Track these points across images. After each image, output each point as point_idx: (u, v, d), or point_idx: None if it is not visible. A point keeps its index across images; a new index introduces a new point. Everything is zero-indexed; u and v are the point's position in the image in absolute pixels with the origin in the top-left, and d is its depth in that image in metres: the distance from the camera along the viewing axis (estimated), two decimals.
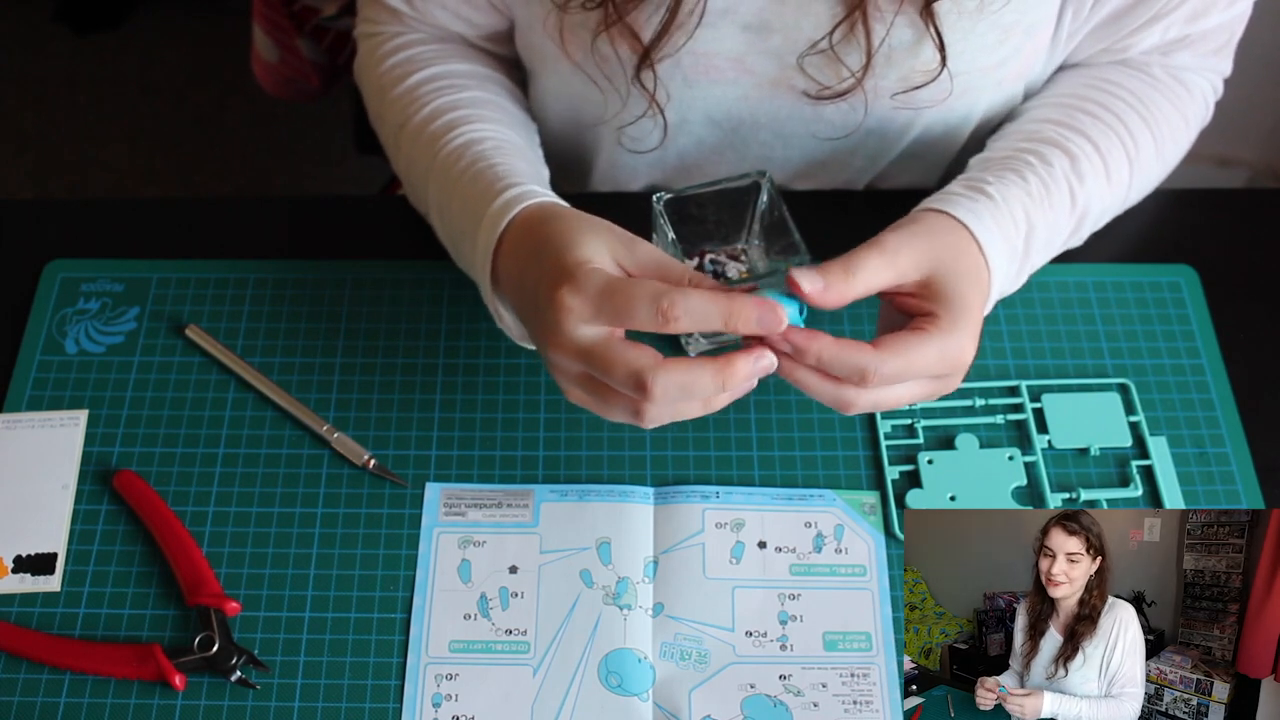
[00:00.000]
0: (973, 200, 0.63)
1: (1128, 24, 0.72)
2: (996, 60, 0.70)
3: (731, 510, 0.68)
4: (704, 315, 0.53)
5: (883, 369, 0.55)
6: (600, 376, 0.55)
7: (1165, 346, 0.75)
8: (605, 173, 0.84)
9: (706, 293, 0.53)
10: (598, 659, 0.64)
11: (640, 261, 0.57)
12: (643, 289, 0.53)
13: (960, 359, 0.58)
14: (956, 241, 0.60)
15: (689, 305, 0.52)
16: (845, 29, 0.67)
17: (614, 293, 0.54)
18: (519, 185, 0.63)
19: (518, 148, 0.70)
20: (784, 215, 0.69)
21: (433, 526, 0.68)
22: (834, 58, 0.68)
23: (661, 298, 0.52)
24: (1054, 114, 0.72)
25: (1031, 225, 0.65)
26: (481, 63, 0.78)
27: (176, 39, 1.99)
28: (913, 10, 0.66)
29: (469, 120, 0.70)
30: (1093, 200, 0.69)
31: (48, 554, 0.67)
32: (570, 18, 0.69)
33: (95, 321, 0.75)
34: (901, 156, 0.79)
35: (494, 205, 0.63)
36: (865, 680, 0.64)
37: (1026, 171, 0.66)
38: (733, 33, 0.69)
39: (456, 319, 0.75)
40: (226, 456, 0.70)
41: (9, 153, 1.88)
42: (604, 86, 0.73)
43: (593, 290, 0.54)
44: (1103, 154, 0.70)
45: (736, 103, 0.74)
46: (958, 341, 0.57)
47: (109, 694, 0.63)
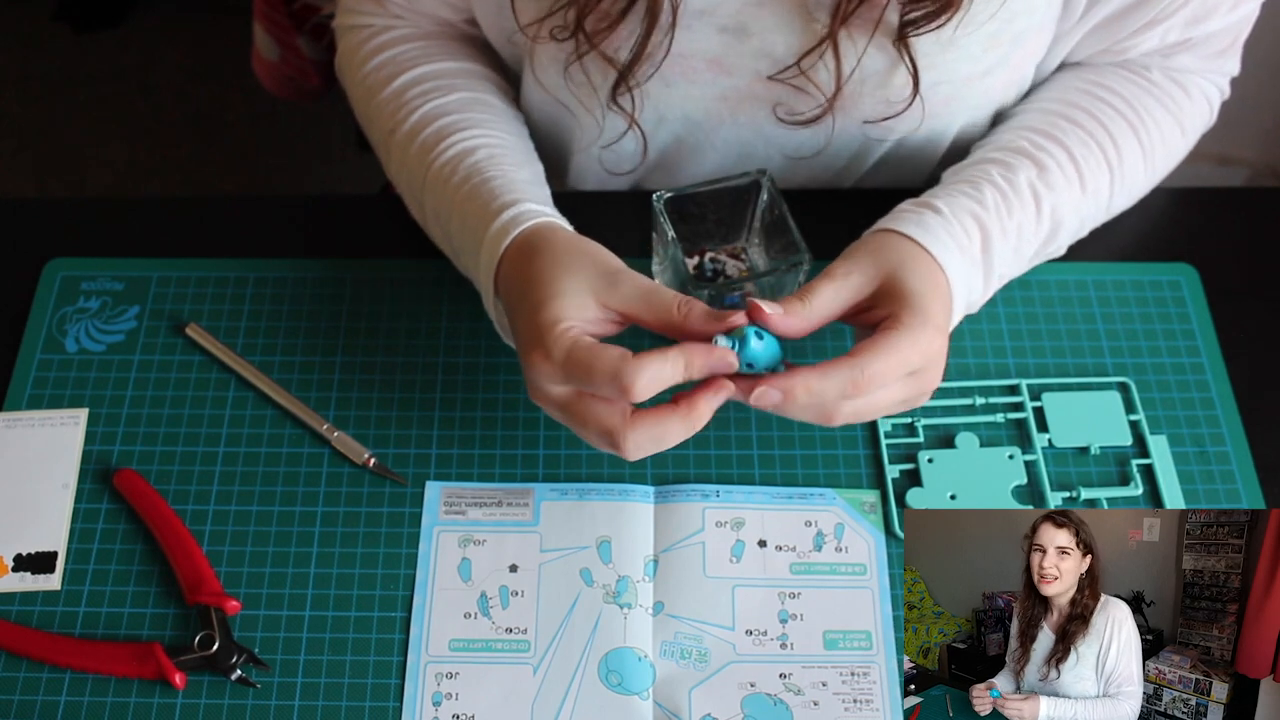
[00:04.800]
0: (919, 215, 0.64)
1: (1125, 27, 0.71)
2: (981, 70, 0.69)
3: (732, 509, 0.68)
4: (660, 379, 0.56)
5: (867, 370, 0.56)
6: (576, 430, 0.60)
7: (1165, 345, 0.75)
8: (588, 170, 0.84)
9: (658, 357, 0.56)
10: (598, 658, 0.64)
11: (625, 297, 0.59)
12: (603, 363, 0.56)
13: (931, 351, 0.59)
14: (906, 252, 0.62)
15: (645, 375, 0.55)
16: (814, 57, 0.67)
17: (576, 364, 0.57)
18: (515, 204, 0.65)
19: (510, 151, 0.71)
20: (784, 214, 0.69)
21: (433, 525, 0.68)
22: (806, 80, 0.69)
23: (620, 375, 0.55)
24: (1035, 120, 0.72)
25: (987, 233, 0.65)
26: (468, 57, 0.78)
27: (177, 37, 1.99)
28: (885, 38, 0.66)
29: (460, 127, 0.71)
30: (1064, 209, 0.69)
31: (48, 553, 0.67)
32: (542, 48, 0.69)
33: (95, 320, 0.75)
34: (882, 163, 0.79)
35: (492, 228, 0.64)
36: (865, 679, 0.64)
37: (983, 182, 0.67)
38: (710, 34, 0.69)
39: (456, 318, 0.75)
40: (226, 455, 0.70)
41: (9, 151, 1.88)
42: (579, 112, 0.73)
43: (559, 358, 0.57)
44: (1078, 162, 0.69)
45: (715, 102, 0.74)
46: (926, 335, 0.58)
47: (109, 693, 0.63)
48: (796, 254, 0.68)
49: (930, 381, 0.60)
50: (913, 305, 0.58)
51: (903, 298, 0.59)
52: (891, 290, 0.60)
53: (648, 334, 0.61)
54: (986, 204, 0.66)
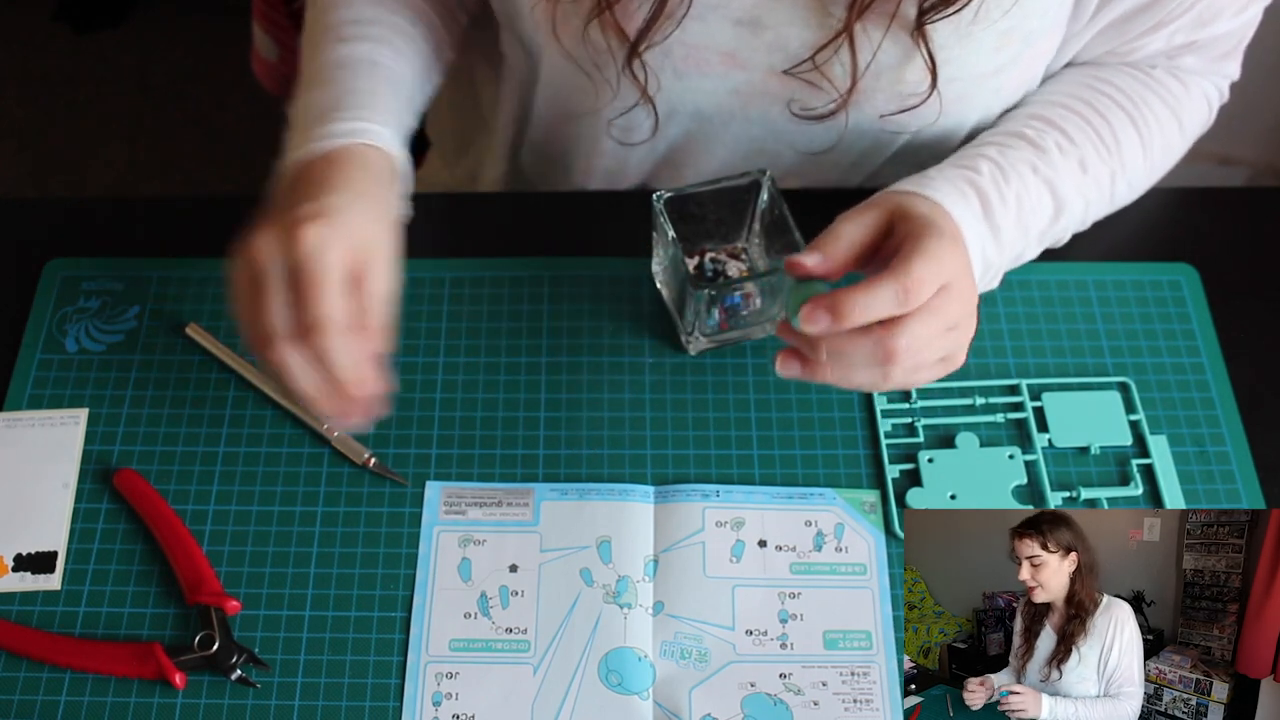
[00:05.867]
0: (914, 179, 0.65)
1: (1134, 28, 0.71)
2: (993, 67, 0.70)
3: (732, 509, 0.68)
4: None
5: (912, 273, 0.56)
6: (243, 312, 0.60)
7: (1165, 345, 0.75)
8: (595, 166, 0.84)
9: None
10: (598, 658, 0.64)
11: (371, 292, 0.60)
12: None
13: (960, 268, 0.59)
14: (906, 197, 0.63)
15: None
16: (829, 52, 0.67)
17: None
18: (355, 122, 0.66)
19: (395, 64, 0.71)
20: (784, 214, 0.69)
21: (433, 525, 0.68)
22: (820, 75, 0.69)
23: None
24: (1035, 109, 0.72)
25: (983, 195, 0.65)
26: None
27: (176, 37, 1.99)
28: (901, 30, 0.66)
29: (365, 38, 0.71)
30: (1065, 186, 0.69)
31: (48, 553, 0.67)
32: (562, 6, 0.69)
33: (95, 320, 0.75)
34: (892, 160, 0.79)
35: (325, 128, 0.66)
36: (865, 679, 0.64)
37: (976, 158, 0.67)
38: (724, 27, 0.69)
39: (457, 318, 0.75)
40: (226, 455, 0.70)
41: (9, 151, 1.88)
42: (594, 76, 0.73)
43: (339, 244, 0.59)
44: (1076, 144, 0.70)
45: (727, 97, 0.74)
46: (947, 245, 0.58)
47: (109, 692, 0.63)
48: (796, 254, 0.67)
49: (965, 333, 0.60)
50: (927, 223, 0.59)
51: (915, 218, 0.59)
52: (902, 217, 0.60)
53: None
54: (981, 172, 0.66)
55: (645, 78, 0.70)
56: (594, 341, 0.74)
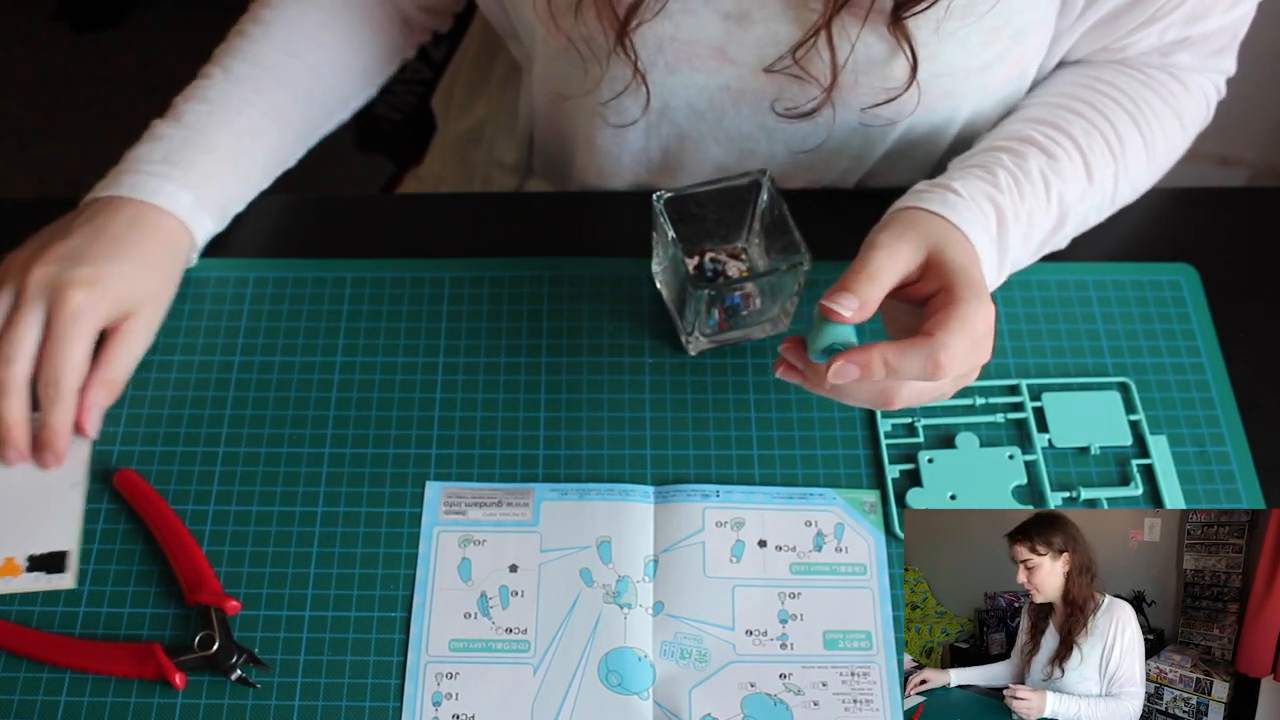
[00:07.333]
0: (942, 195, 0.65)
1: (1124, 25, 0.72)
2: (981, 63, 0.70)
3: (732, 509, 0.68)
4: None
5: (950, 347, 0.56)
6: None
7: (1165, 345, 0.75)
8: (592, 158, 0.84)
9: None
10: (598, 658, 0.64)
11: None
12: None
13: (990, 323, 0.59)
14: (942, 227, 0.62)
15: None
16: (809, 47, 0.67)
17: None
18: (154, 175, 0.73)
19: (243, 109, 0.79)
20: (784, 214, 0.69)
21: (433, 525, 0.68)
22: (803, 71, 0.69)
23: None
24: (1040, 113, 0.72)
25: (1001, 214, 0.65)
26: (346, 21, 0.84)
27: (176, 38, 1.99)
28: (881, 25, 0.66)
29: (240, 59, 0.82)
30: (1071, 197, 0.69)
31: (59, 552, 0.67)
32: None
33: None
34: (887, 156, 0.79)
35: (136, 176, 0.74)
36: (865, 679, 0.64)
37: (995, 167, 0.67)
38: (714, 20, 0.69)
39: (457, 318, 0.75)
40: (226, 455, 0.70)
41: (9, 151, 1.88)
42: (586, 57, 0.73)
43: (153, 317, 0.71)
44: (1084, 151, 0.70)
45: (719, 93, 0.74)
46: (984, 306, 0.59)
47: (109, 693, 0.63)
48: (796, 254, 0.68)
49: (981, 358, 0.60)
50: (964, 278, 0.59)
51: (952, 271, 0.59)
52: (938, 263, 0.60)
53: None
54: (1001, 187, 0.66)
55: (635, 57, 0.71)
56: (594, 342, 0.74)
